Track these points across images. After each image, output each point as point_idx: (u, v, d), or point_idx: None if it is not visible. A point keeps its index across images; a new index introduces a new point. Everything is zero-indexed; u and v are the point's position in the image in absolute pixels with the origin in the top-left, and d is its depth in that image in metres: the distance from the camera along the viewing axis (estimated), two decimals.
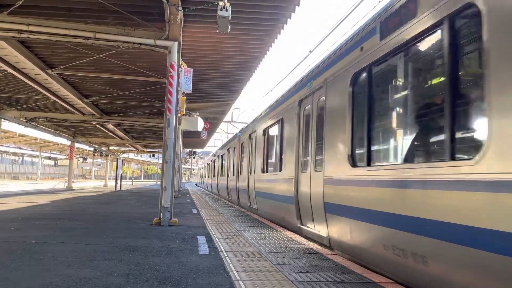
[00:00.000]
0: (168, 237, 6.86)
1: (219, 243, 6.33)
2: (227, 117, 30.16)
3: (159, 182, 17.18)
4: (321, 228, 6.37)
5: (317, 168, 6.63)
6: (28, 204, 13.19)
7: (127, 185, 45.42)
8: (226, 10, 7.75)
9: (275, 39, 10.95)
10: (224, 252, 5.52)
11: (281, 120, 9.17)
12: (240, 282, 3.95)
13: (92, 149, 37.13)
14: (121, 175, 29.91)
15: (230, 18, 7.84)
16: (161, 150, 10.42)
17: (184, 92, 10.13)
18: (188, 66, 10.42)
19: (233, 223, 9.25)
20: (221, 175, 22.89)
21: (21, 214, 9.83)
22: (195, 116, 15.19)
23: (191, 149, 47.37)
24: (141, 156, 70.70)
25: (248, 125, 14.69)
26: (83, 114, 20.94)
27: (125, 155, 53.92)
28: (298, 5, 8.95)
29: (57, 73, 13.77)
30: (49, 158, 60.22)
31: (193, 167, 78.76)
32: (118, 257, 5.00)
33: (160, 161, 20.31)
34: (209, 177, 33.58)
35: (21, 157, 68.42)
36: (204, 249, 5.76)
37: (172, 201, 8.71)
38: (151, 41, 9.07)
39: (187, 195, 24.64)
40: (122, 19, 9.22)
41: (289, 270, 4.53)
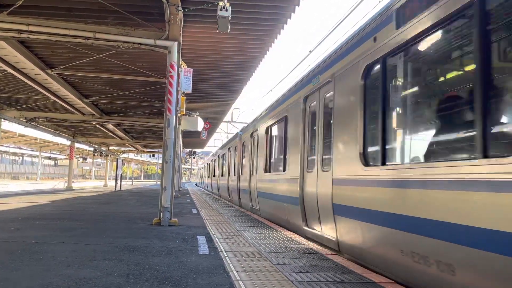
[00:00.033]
0: (168, 237, 6.86)
1: (219, 243, 6.33)
2: (227, 117, 30.20)
3: (159, 182, 17.17)
4: (329, 230, 6.04)
5: (324, 167, 6.32)
6: (28, 204, 13.19)
7: (127, 185, 45.42)
8: (226, 10, 7.76)
9: (275, 39, 10.95)
10: (224, 252, 5.52)
11: (284, 118, 8.86)
12: (240, 282, 3.95)
13: (92, 149, 37.15)
14: (121, 175, 29.91)
15: (230, 18, 7.84)
16: (161, 150, 10.42)
17: (184, 92, 10.13)
18: (188, 66, 10.42)
19: (233, 223, 9.25)
20: (222, 175, 22.62)
21: (21, 214, 9.83)
22: (195, 116, 15.19)
23: (191, 149, 47.41)
24: (141, 156, 70.73)
25: (250, 124, 14.33)
26: (83, 114, 20.96)
27: (125, 155, 53.92)
28: (298, 5, 8.96)
29: (57, 73, 13.78)
30: (49, 158, 60.26)
31: (193, 167, 78.78)
32: (118, 257, 5.00)
33: (160, 161, 20.32)
34: (209, 177, 33.25)
35: (21, 157, 68.43)
36: (204, 249, 5.77)
37: (172, 201, 8.71)
38: (151, 41, 9.08)
39: (187, 195, 24.64)
40: (122, 19, 9.23)
41: (289, 270, 4.52)
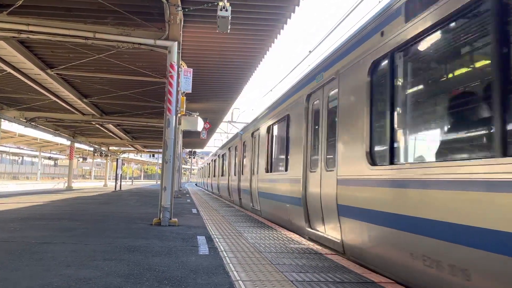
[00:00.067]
0: (168, 237, 6.86)
1: (219, 243, 6.32)
2: (227, 117, 30.22)
3: (159, 182, 17.18)
4: (333, 232, 5.87)
5: (328, 167, 6.13)
6: (28, 204, 13.19)
7: (127, 185, 45.41)
8: (226, 10, 7.75)
9: (275, 39, 10.95)
10: (224, 252, 5.52)
11: (286, 116, 8.68)
12: (240, 282, 3.95)
13: (92, 149, 37.15)
14: (121, 175, 29.91)
15: (230, 18, 7.84)
16: (161, 150, 10.42)
17: (184, 92, 10.13)
18: (188, 66, 10.42)
19: (233, 223, 9.25)
20: (222, 175, 22.46)
21: (21, 214, 9.83)
22: (195, 116, 15.19)
23: (191, 149, 47.41)
24: (141, 156, 70.73)
25: (250, 123, 14.12)
26: (83, 114, 20.96)
27: (125, 155, 53.92)
28: (298, 5, 8.95)
29: (56, 73, 13.77)
30: (49, 158, 60.26)
31: (193, 167, 78.79)
32: (117, 257, 5.00)
33: (160, 161, 20.34)
34: (209, 177, 33.07)
35: (21, 157, 68.44)
36: (204, 249, 5.76)
37: (172, 201, 8.71)
38: (151, 41, 9.07)
39: (187, 195, 24.64)
40: (121, 19, 9.22)
41: (289, 270, 4.52)
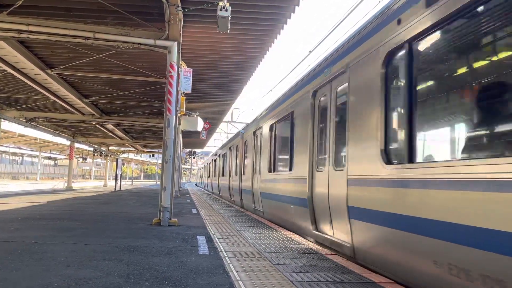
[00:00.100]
0: (167, 237, 6.86)
1: (219, 243, 6.33)
2: (227, 117, 30.20)
3: (158, 182, 17.18)
4: (342, 235, 5.56)
5: (337, 166, 5.83)
6: (27, 204, 13.19)
7: (126, 185, 45.41)
8: (226, 10, 7.76)
9: (275, 39, 10.95)
10: (224, 252, 5.52)
11: (291, 114, 8.38)
12: (240, 282, 3.95)
13: (91, 149, 37.14)
14: (121, 175, 29.91)
15: (229, 18, 7.84)
16: (160, 150, 10.43)
17: (184, 92, 10.13)
18: (187, 66, 10.42)
19: (233, 223, 9.25)
20: (223, 175, 22.16)
21: (21, 214, 9.83)
22: (195, 116, 15.19)
23: (190, 149, 47.44)
24: (140, 156, 70.73)
25: (252, 122, 13.69)
26: (83, 114, 20.96)
27: (125, 155, 53.93)
28: (298, 5, 8.95)
29: (56, 73, 13.77)
30: (49, 158, 60.24)
31: (192, 167, 78.81)
32: (117, 257, 5.00)
33: (160, 161, 20.33)
34: (209, 177, 32.76)
35: (20, 157, 68.42)
36: (204, 249, 5.76)
37: (172, 201, 8.70)
38: (150, 41, 9.07)
39: (187, 195, 24.65)
40: (121, 19, 9.22)
41: (289, 270, 4.53)
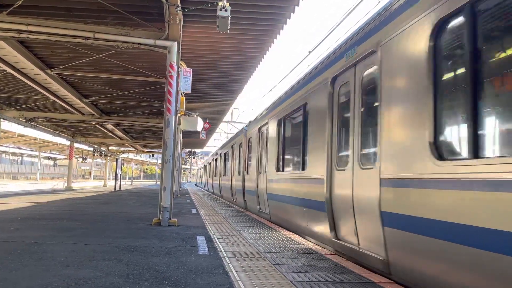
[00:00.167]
0: (167, 237, 6.86)
1: (218, 243, 6.33)
2: (226, 117, 30.25)
3: (158, 182, 17.18)
4: (372, 246, 4.82)
5: (364, 164, 5.10)
6: (27, 204, 13.19)
7: (126, 185, 45.40)
8: (226, 10, 7.76)
9: (274, 39, 10.96)
10: (223, 252, 5.52)
11: (303, 106, 7.60)
12: (240, 282, 3.95)
13: (91, 149, 37.11)
14: (121, 175, 29.91)
15: (229, 18, 7.84)
16: (160, 150, 10.43)
17: (183, 92, 10.13)
18: (187, 66, 10.42)
19: (232, 223, 9.25)
20: (224, 175, 21.40)
21: (21, 214, 9.82)
22: (195, 116, 15.19)
23: (190, 149, 47.48)
24: (140, 156, 70.75)
25: (257, 118, 12.86)
26: (83, 114, 20.95)
27: (125, 155, 53.91)
28: (298, 5, 8.96)
29: (56, 73, 13.77)
30: (49, 158, 60.16)
31: (192, 167, 78.81)
32: (117, 257, 5.00)
33: (160, 161, 20.33)
34: (210, 177, 32.05)
35: (20, 157, 68.39)
36: (203, 249, 5.77)
37: (172, 201, 8.70)
38: (150, 41, 9.07)
39: (187, 195, 24.65)
40: (121, 19, 9.22)
41: (289, 270, 4.53)
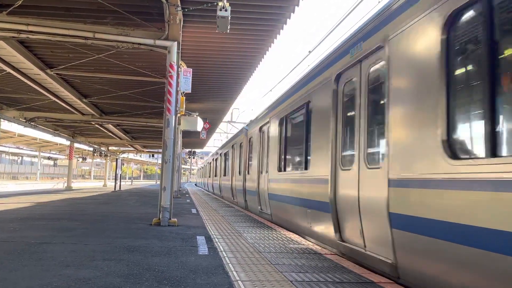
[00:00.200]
0: (167, 237, 6.86)
1: (218, 243, 6.33)
2: (226, 117, 30.25)
3: (158, 182, 17.18)
4: (379, 249, 4.70)
5: (371, 163, 4.98)
6: (27, 204, 13.18)
7: (126, 185, 45.39)
8: (226, 10, 7.76)
9: (274, 39, 10.96)
10: (223, 252, 5.52)
11: (306, 104, 7.49)
12: (240, 282, 3.95)
13: (91, 149, 37.11)
14: (121, 175, 29.90)
15: (229, 18, 7.85)
16: (160, 150, 10.43)
17: (183, 92, 10.13)
18: (187, 66, 10.42)
19: (232, 223, 9.25)
20: (225, 175, 20.96)
21: (20, 214, 9.82)
22: (195, 116, 15.20)
23: (190, 149, 47.49)
24: (140, 156, 70.75)
25: (258, 117, 12.67)
26: (83, 114, 20.95)
27: (125, 155, 53.91)
28: (298, 5, 8.96)
29: (56, 73, 13.77)
30: (49, 158, 60.17)
31: (192, 167, 78.82)
32: (117, 257, 4.99)
33: (160, 161, 20.33)
34: (210, 177, 31.81)
35: (20, 157, 68.38)
36: (203, 249, 5.77)
37: (172, 201, 8.70)
38: (150, 41, 9.07)
39: (187, 195, 24.65)
40: (121, 19, 9.23)
41: (289, 270, 4.53)
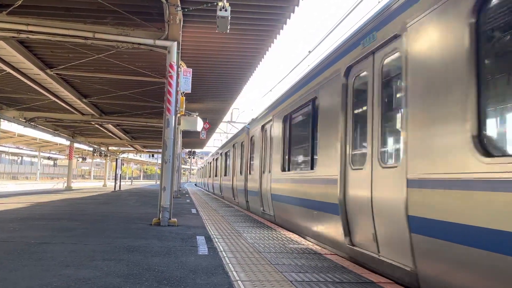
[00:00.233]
0: (167, 237, 6.85)
1: (218, 243, 6.33)
2: (226, 117, 30.25)
3: (158, 182, 17.19)
4: (396, 255, 4.34)
5: (385, 162, 4.69)
6: (27, 204, 13.18)
7: (126, 185, 45.38)
8: (226, 10, 7.76)
9: (274, 39, 10.96)
10: (223, 252, 5.52)
11: (312, 100, 7.18)
12: (239, 282, 3.95)
13: (91, 149, 37.12)
14: (120, 175, 29.89)
15: (229, 18, 7.85)
16: (160, 150, 10.43)
17: (183, 92, 10.13)
18: (187, 66, 10.42)
19: (232, 223, 9.25)
20: (225, 175, 20.60)
21: (20, 214, 9.82)
22: (195, 116, 15.21)
23: (190, 149, 47.49)
24: (140, 156, 70.75)
25: (260, 116, 12.31)
26: (82, 114, 20.95)
27: (125, 155, 53.91)
28: (298, 5, 8.96)
29: (56, 73, 13.76)
30: (48, 158, 60.18)
31: (192, 167, 78.83)
32: (117, 257, 4.99)
33: (160, 161, 20.33)
34: (210, 177, 31.55)
35: (20, 157, 68.37)
36: (203, 249, 5.77)
37: (171, 201, 8.70)
38: (150, 41, 9.07)
39: (187, 195, 24.65)
40: (121, 19, 9.23)
41: (288, 270, 4.53)
